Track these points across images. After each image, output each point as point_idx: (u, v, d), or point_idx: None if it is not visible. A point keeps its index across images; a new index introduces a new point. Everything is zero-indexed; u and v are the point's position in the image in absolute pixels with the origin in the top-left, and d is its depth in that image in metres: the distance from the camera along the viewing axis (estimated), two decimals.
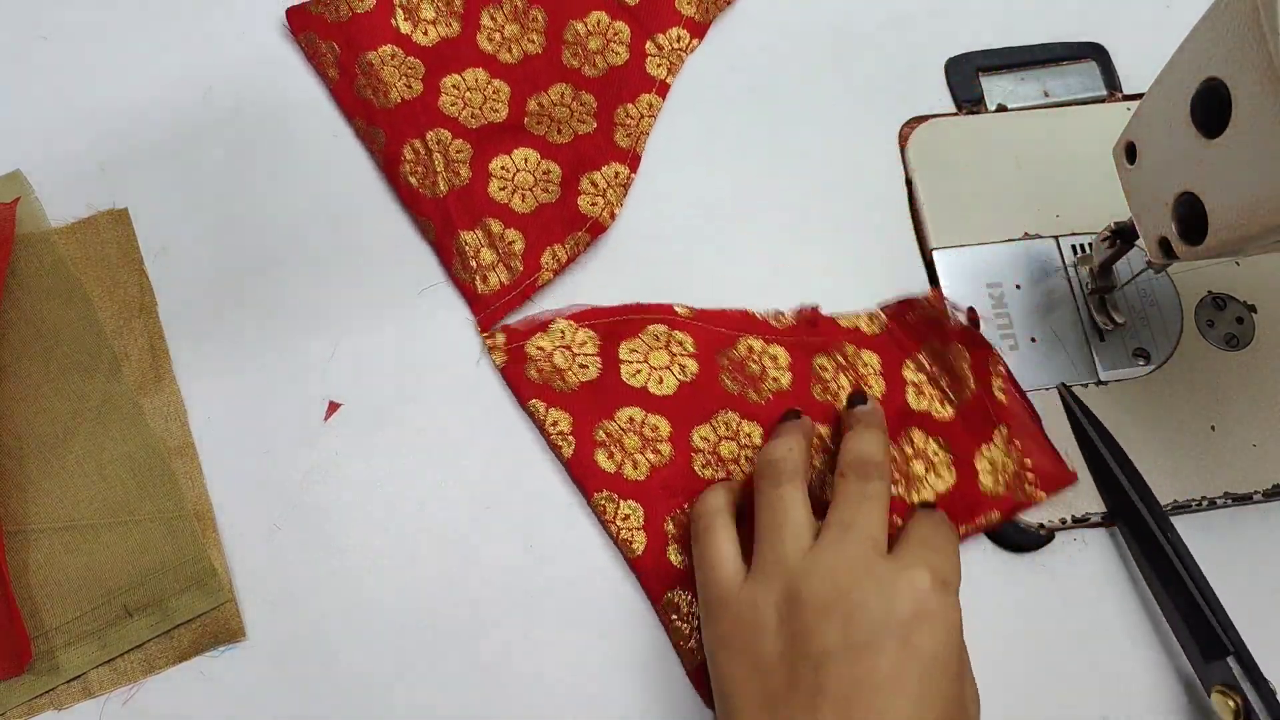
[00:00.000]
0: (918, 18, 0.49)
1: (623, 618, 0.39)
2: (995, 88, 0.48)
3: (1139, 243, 0.38)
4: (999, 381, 0.42)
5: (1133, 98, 0.48)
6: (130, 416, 0.40)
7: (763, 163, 0.46)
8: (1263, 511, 0.42)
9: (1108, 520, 0.41)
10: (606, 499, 0.39)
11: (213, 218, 0.43)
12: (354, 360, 0.42)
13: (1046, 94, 0.49)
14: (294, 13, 0.46)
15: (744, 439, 0.40)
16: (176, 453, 0.40)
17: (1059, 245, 0.45)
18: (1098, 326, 0.43)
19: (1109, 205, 0.40)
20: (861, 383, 0.41)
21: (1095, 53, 0.49)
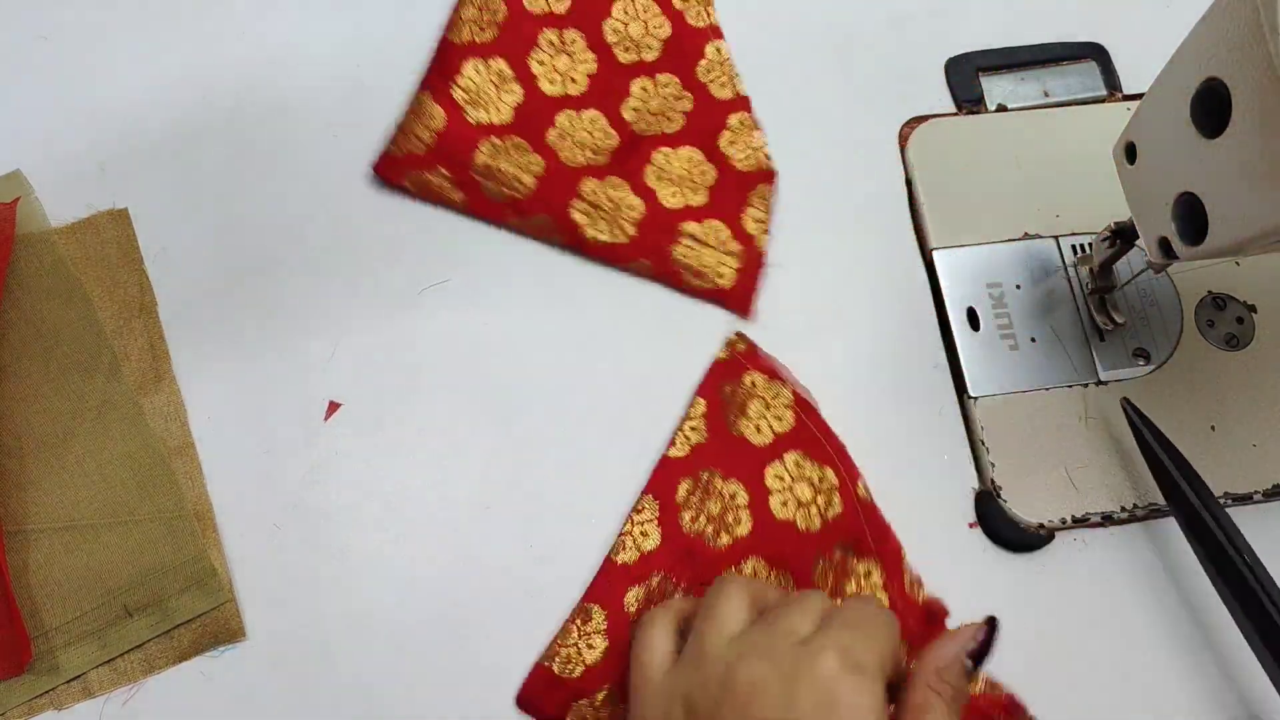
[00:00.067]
0: (918, 18, 0.49)
1: None
2: (995, 88, 0.48)
3: (1139, 243, 0.38)
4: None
5: (1133, 98, 0.48)
6: (130, 416, 0.40)
7: None
8: (1263, 511, 0.42)
9: (1107, 520, 0.41)
10: (648, 503, 0.39)
11: (213, 218, 0.43)
12: (354, 360, 0.42)
13: (1046, 94, 0.49)
14: (383, 165, 0.43)
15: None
16: (176, 453, 0.40)
17: (1059, 245, 0.45)
18: (1098, 326, 0.43)
19: (1109, 205, 0.40)
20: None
21: (1095, 53, 0.49)
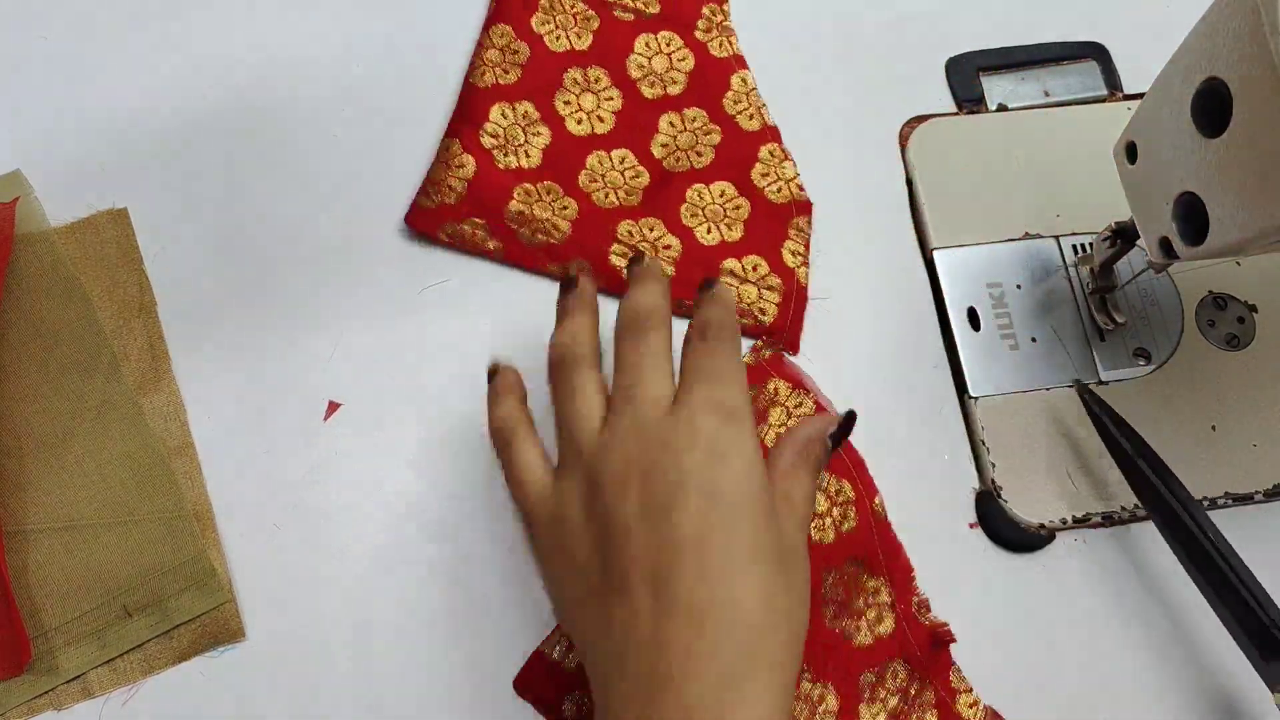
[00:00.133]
0: (918, 18, 0.49)
1: None
2: (995, 87, 0.48)
3: (1139, 243, 0.38)
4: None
5: (1133, 98, 0.48)
6: (130, 416, 0.39)
7: None
8: (1263, 511, 0.42)
9: (1107, 520, 0.41)
10: None
11: (212, 218, 0.43)
12: (354, 360, 0.42)
13: (1047, 94, 0.48)
14: (415, 217, 0.43)
15: None
16: (176, 453, 0.39)
17: (1059, 245, 0.45)
18: (1098, 326, 0.43)
19: (1109, 205, 0.40)
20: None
21: (1095, 53, 0.49)
